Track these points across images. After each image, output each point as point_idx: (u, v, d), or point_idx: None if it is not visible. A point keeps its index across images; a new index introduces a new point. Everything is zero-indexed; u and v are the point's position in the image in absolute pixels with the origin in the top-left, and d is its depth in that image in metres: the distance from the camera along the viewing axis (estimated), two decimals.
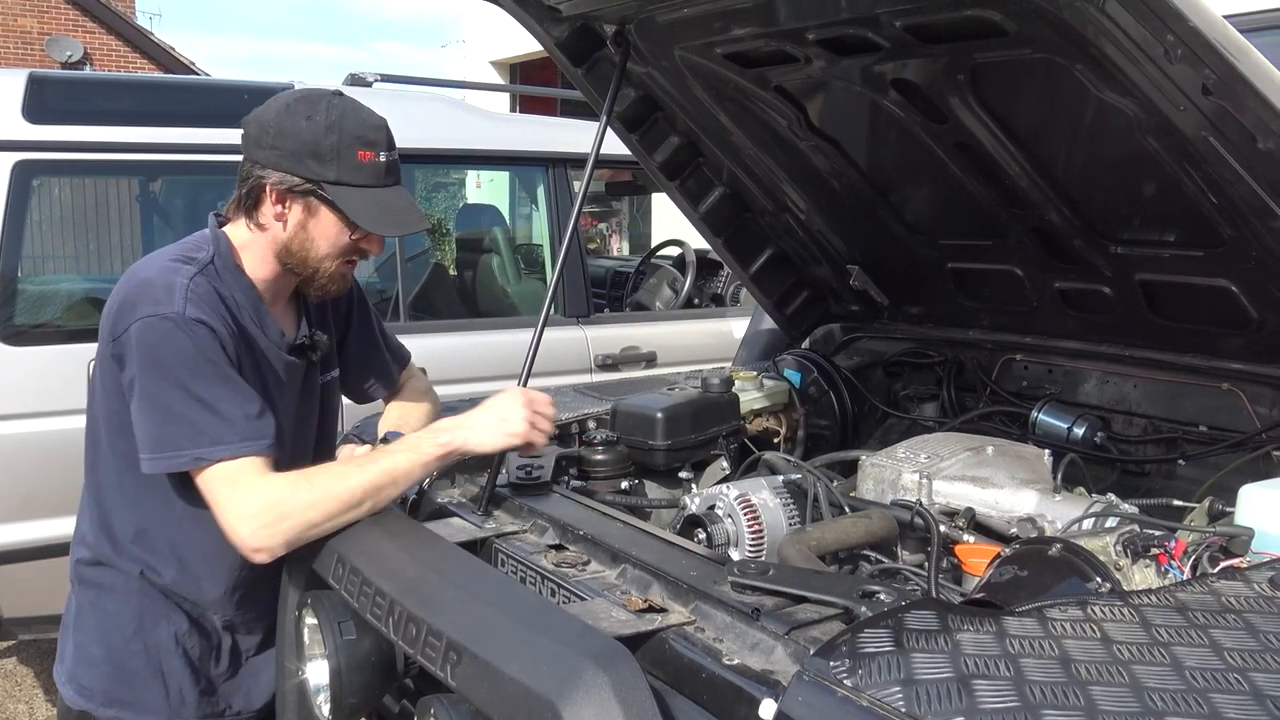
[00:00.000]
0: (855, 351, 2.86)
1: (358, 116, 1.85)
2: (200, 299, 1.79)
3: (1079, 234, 2.08)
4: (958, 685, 1.02)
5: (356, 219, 1.84)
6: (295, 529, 1.75)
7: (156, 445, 1.75)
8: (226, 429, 1.74)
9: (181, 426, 1.73)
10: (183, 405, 1.73)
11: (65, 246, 4.34)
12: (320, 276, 1.92)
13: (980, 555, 1.66)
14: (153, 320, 1.74)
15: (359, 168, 1.82)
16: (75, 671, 1.95)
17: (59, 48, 14.99)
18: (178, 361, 1.74)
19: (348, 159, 1.81)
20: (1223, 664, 1.06)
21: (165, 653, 1.92)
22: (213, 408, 1.74)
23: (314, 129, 1.81)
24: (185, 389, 1.74)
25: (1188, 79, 1.52)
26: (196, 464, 1.74)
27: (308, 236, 1.87)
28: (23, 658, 4.26)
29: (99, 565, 1.93)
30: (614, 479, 2.16)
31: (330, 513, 1.77)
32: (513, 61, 13.83)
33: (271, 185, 1.83)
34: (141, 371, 1.75)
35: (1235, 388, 2.06)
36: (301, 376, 2.01)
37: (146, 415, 1.75)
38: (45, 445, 3.30)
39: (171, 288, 1.78)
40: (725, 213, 2.80)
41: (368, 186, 1.84)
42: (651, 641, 1.38)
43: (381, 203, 1.85)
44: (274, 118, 1.84)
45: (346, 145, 1.81)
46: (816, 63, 2.06)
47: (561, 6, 2.23)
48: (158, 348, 1.74)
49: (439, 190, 7.55)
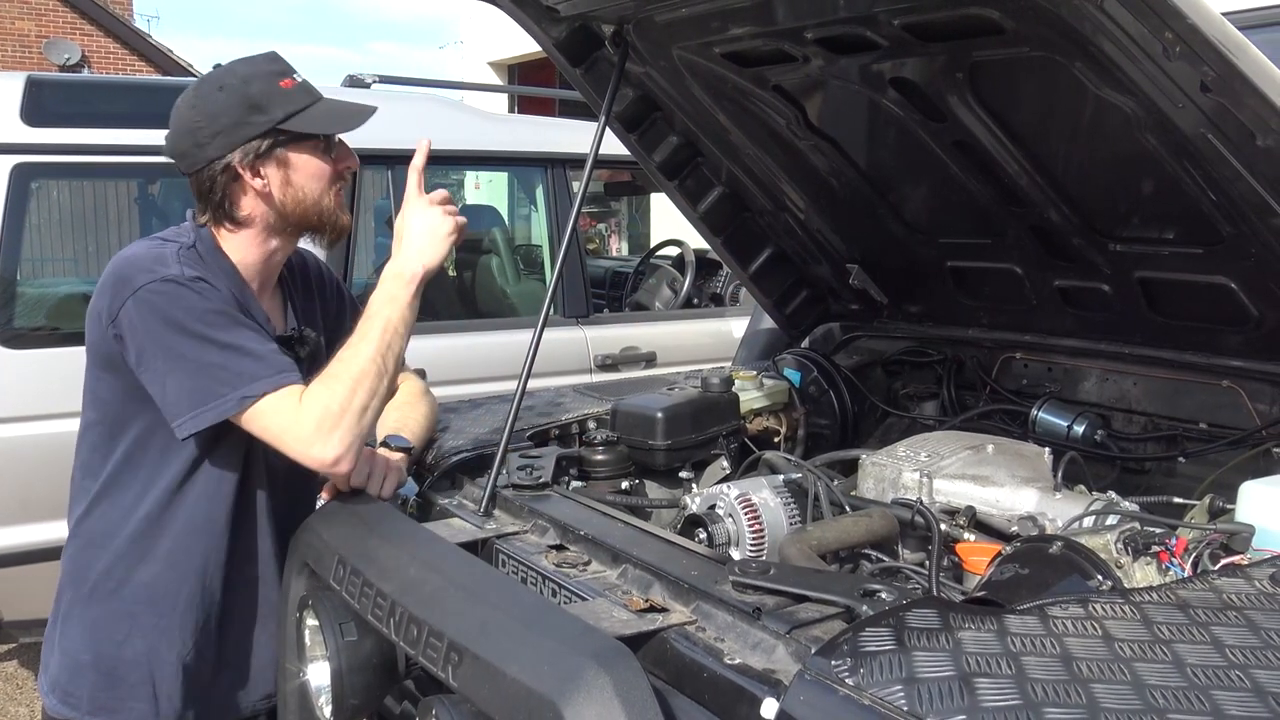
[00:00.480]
0: (855, 350, 2.86)
1: (252, 62, 1.90)
2: (196, 262, 1.81)
3: (1078, 232, 2.08)
4: (959, 684, 1.02)
5: (324, 129, 1.86)
6: (355, 421, 1.77)
7: (195, 400, 1.73)
8: (259, 365, 1.75)
9: (216, 374, 1.73)
10: (211, 354, 1.73)
11: (64, 249, 4.35)
12: (327, 218, 1.92)
13: (981, 554, 1.66)
14: (153, 284, 1.74)
15: (292, 95, 1.85)
16: (60, 679, 1.92)
17: (57, 50, 14.98)
18: (190, 316, 1.74)
19: (279, 94, 1.84)
20: (1224, 661, 1.06)
21: (156, 660, 1.89)
22: (240, 350, 1.75)
23: (232, 93, 1.83)
24: (207, 339, 1.73)
25: (1186, 76, 1.52)
26: (242, 405, 1.73)
27: (296, 189, 1.88)
28: (23, 660, 4.26)
29: (90, 568, 1.91)
30: (614, 479, 2.16)
31: (371, 389, 1.79)
32: (510, 62, 13.83)
33: (239, 164, 1.83)
34: (153, 337, 1.73)
35: (1235, 385, 2.06)
36: None
37: (172, 376, 1.74)
38: (44, 448, 3.29)
39: (163, 257, 1.79)
40: (724, 212, 2.80)
41: (308, 106, 1.86)
42: (653, 641, 1.38)
43: (329, 111, 1.88)
44: (191, 116, 1.86)
45: (269, 83, 1.84)
46: (815, 62, 2.06)
47: (560, 7, 2.23)
48: (166, 308, 1.73)
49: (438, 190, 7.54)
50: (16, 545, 3.30)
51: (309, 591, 1.86)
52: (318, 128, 1.86)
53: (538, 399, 2.57)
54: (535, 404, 2.52)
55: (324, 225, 1.93)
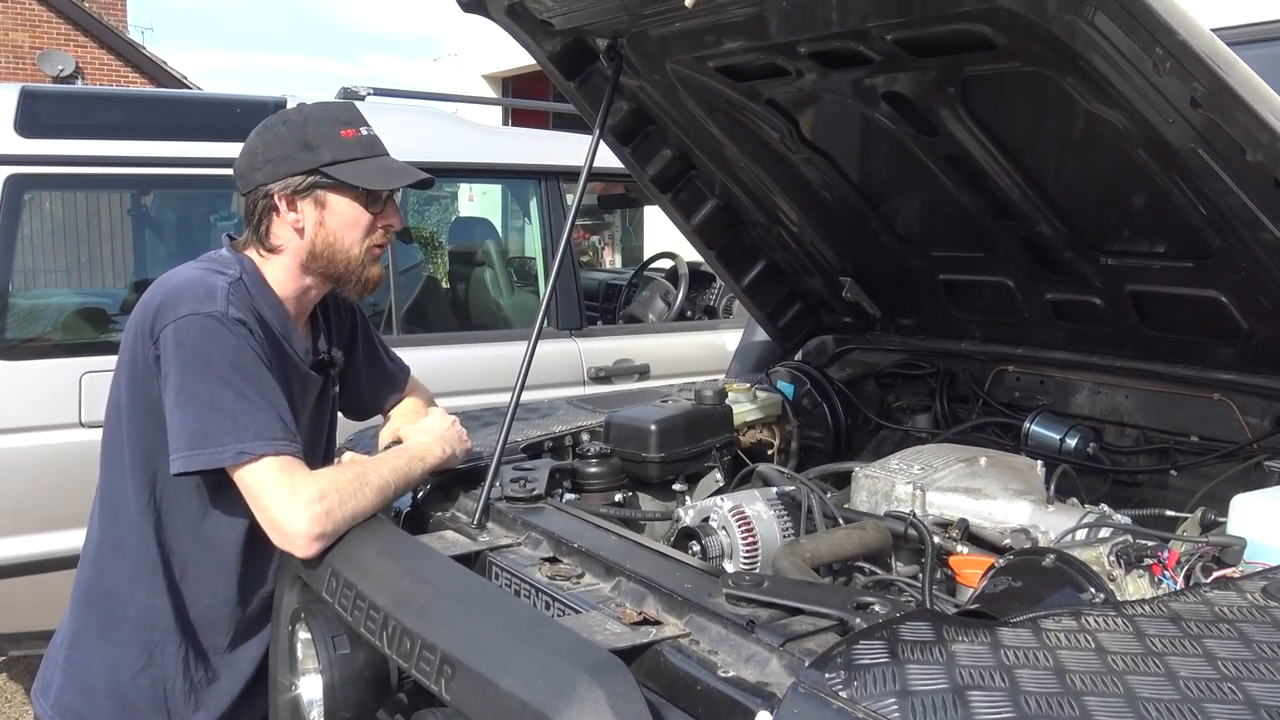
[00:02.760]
0: (848, 363, 2.87)
1: (327, 107, 1.95)
2: (240, 302, 1.82)
3: (1069, 245, 2.09)
4: (953, 696, 1.02)
5: (362, 182, 1.88)
6: (346, 515, 1.77)
7: (197, 441, 1.73)
8: (269, 424, 1.75)
9: (224, 421, 1.73)
10: (226, 400, 1.73)
11: (57, 260, 4.33)
12: (354, 268, 1.94)
13: (974, 566, 1.66)
14: (197, 318, 1.75)
15: (347, 144, 1.88)
16: (72, 703, 1.91)
17: (50, 62, 14.98)
18: (222, 357, 1.75)
19: (334, 139, 1.87)
20: (1217, 674, 1.06)
21: (171, 686, 1.90)
22: (256, 403, 1.75)
23: (293, 129, 1.88)
24: (229, 384, 1.74)
25: (1176, 91, 1.53)
26: (239, 459, 1.73)
27: (329, 231, 1.90)
28: (13, 674, 4.23)
29: (109, 592, 1.90)
30: (608, 491, 2.16)
31: (372, 501, 1.82)
32: (504, 75, 13.87)
33: (278, 194, 1.87)
34: (182, 368, 1.74)
35: (1226, 398, 2.07)
36: (319, 391, 2.04)
37: (187, 411, 1.74)
38: (37, 460, 3.29)
39: (214, 290, 1.80)
40: (718, 225, 2.81)
41: (361, 158, 1.89)
42: (646, 654, 1.37)
43: (380, 166, 1.92)
44: (254, 143, 1.91)
45: (328, 129, 1.88)
46: (808, 76, 2.07)
47: (554, 20, 2.24)
48: (202, 344, 1.74)
49: (432, 203, 7.55)
50: (8, 558, 3.28)
51: (301, 604, 1.85)
52: (356, 178, 1.88)
53: (531, 411, 2.57)
54: (529, 416, 2.52)
55: (350, 274, 1.94)
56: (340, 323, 2.17)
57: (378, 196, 1.93)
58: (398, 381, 2.30)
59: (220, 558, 1.89)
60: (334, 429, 2.20)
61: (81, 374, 3.35)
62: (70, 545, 3.09)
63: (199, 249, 2.02)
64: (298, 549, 1.75)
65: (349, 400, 2.22)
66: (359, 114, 1.95)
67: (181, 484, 1.82)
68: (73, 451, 3.24)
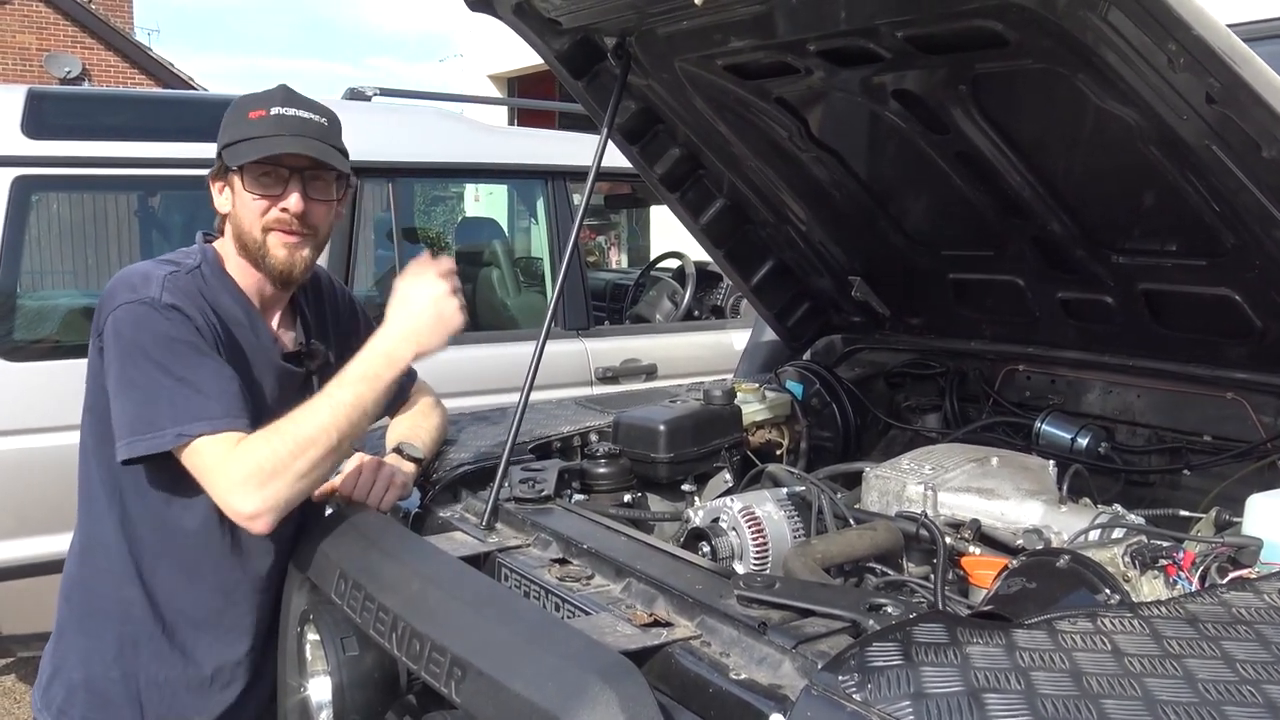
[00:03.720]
0: (857, 363, 2.86)
1: (261, 94, 1.91)
2: (178, 290, 1.80)
3: (1081, 244, 2.08)
4: (968, 699, 1.01)
5: (231, 160, 1.85)
6: (287, 485, 1.71)
7: (137, 427, 1.72)
8: (207, 404, 1.73)
9: (161, 405, 1.71)
10: (161, 385, 1.72)
11: (64, 261, 4.34)
12: (259, 250, 1.89)
13: (987, 567, 1.65)
14: (129, 306, 1.76)
15: (248, 124, 1.86)
16: (55, 696, 1.91)
17: (57, 64, 15.02)
18: (154, 343, 1.74)
19: (240, 122, 1.87)
20: (1235, 676, 1.05)
21: (144, 681, 1.88)
22: (192, 385, 1.73)
23: (227, 113, 1.91)
24: (164, 369, 1.73)
25: (1191, 87, 1.52)
26: (178, 440, 1.71)
27: (235, 214, 1.91)
28: (21, 674, 4.24)
29: (85, 585, 1.90)
30: (617, 492, 2.15)
31: (313, 459, 1.73)
32: (510, 75, 13.88)
33: (210, 178, 1.92)
34: (118, 357, 1.74)
35: (1239, 397, 2.05)
36: (299, 386, 2.01)
37: (125, 398, 1.74)
38: (44, 461, 3.29)
39: (149, 278, 1.80)
40: (726, 224, 2.80)
41: (255, 137, 1.85)
42: (657, 656, 1.37)
43: (264, 142, 1.84)
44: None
45: (240, 112, 1.87)
46: (817, 74, 2.06)
47: (562, 19, 2.23)
48: (135, 331, 1.74)
49: (438, 204, 7.55)
50: (15, 559, 3.29)
51: (310, 606, 1.85)
52: (231, 157, 1.86)
53: (539, 412, 2.56)
54: (537, 417, 2.51)
55: (257, 258, 1.90)
56: (339, 323, 2.14)
57: (272, 178, 1.86)
58: (402, 385, 2.26)
59: (186, 545, 1.87)
60: None
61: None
62: None
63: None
64: (249, 527, 1.73)
65: None
66: (284, 96, 1.88)
67: (141, 473, 1.81)
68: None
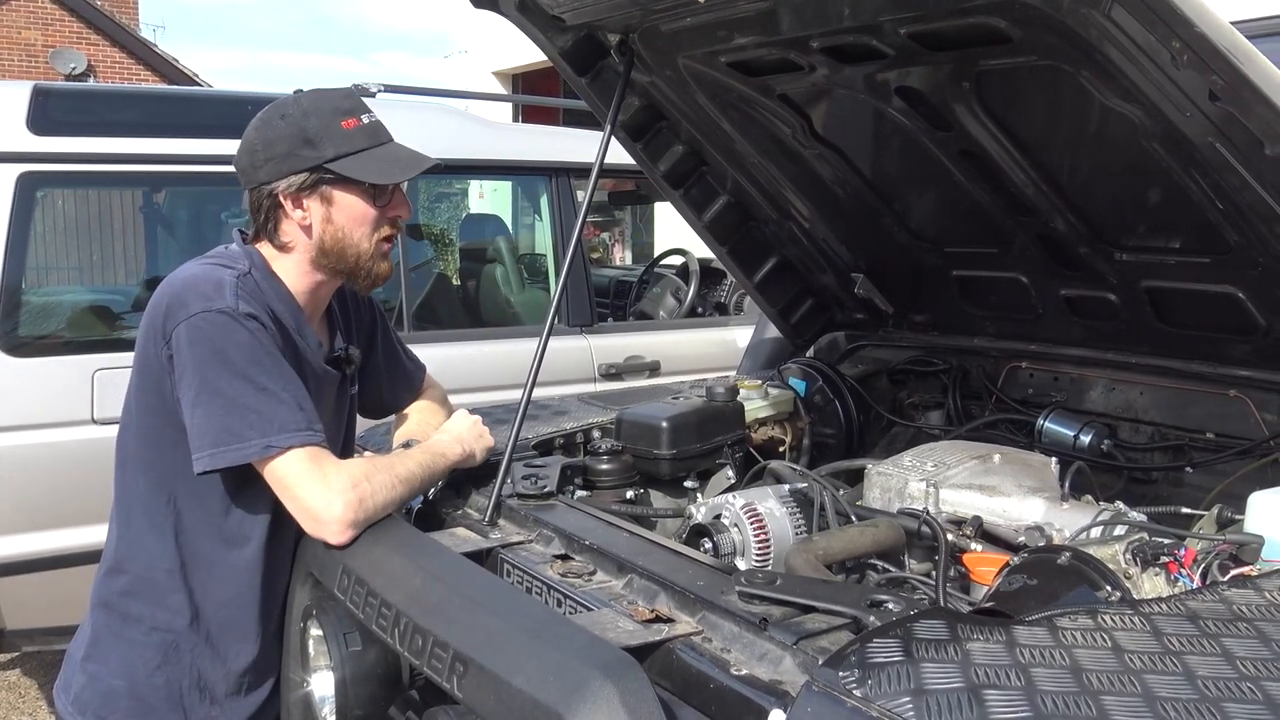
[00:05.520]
0: (860, 360, 2.86)
1: (325, 96, 1.89)
2: (250, 297, 1.80)
3: (1084, 241, 2.08)
4: (968, 695, 1.01)
5: (368, 177, 1.85)
6: (378, 505, 1.79)
7: (220, 438, 1.71)
8: (292, 416, 1.74)
9: (248, 416, 1.71)
10: (247, 395, 1.72)
11: (69, 257, 4.35)
12: (364, 262, 1.91)
13: (988, 564, 1.65)
14: (208, 315, 1.74)
15: (349, 136, 1.84)
16: (90, 701, 1.91)
17: (63, 60, 15.02)
18: (237, 353, 1.73)
19: (335, 132, 1.83)
20: (1236, 673, 1.05)
21: (187, 686, 1.89)
22: (274, 395, 1.74)
23: (292, 124, 1.84)
24: (248, 379, 1.72)
25: (1194, 85, 1.52)
26: (265, 453, 1.72)
27: (337, 227, 1.88)
28: (26, 669, 4.25)
29: (127, 593, 1.89)
30: (619, 488, 2.16)
31: (401, 494, 1.84)
32: (514, 72, 13.87)
33: (283, 194, 1.84)
34: (197, 367, 1.72)
35: (1242, 394, 2.05)
36: (336, 388, 2.03)
37: (207, 409, 1.72)
38: (49, 457, 3.30)
39: (221, 285, 1.78)
40: (729, 221, 2.80)
41: (365, 149, 1.85)
42: (659, 652, 1.37)
43: (385, 157, 1.87)
44: (253, 138, 1.87)
45: (328, 121, 1.84)
46: (820, 71, 2.06)
47: (565, 16, 2.23)
48: (216, 340, 1.73)
49: (442, 200, 7.56)
50: (19, 554, 3.29)
51: (313, 601, 1.85)
52: (361, 173, 1.84)
53: (542, 408, 2.57)
54: (540, 413, 2.52)
55: (359, 269, 1.92)
56: (360, 320, 2.15)
57: (384, 188, 1.90)
58: (414, 380, 2.30)
59: (242, 555, 1.88)
60: (353, 427, 2.20)
61: (94, 371, 3.36)
62: (82, 542, 3.13)
63: (211, 246, 2.00)
64: (332, 535, 1.75)
65: (367, 398, 2.21)
66: (359, 101, 1.90)
67: (201, 483, 1.81)
68: (86, 448, 3.25)
